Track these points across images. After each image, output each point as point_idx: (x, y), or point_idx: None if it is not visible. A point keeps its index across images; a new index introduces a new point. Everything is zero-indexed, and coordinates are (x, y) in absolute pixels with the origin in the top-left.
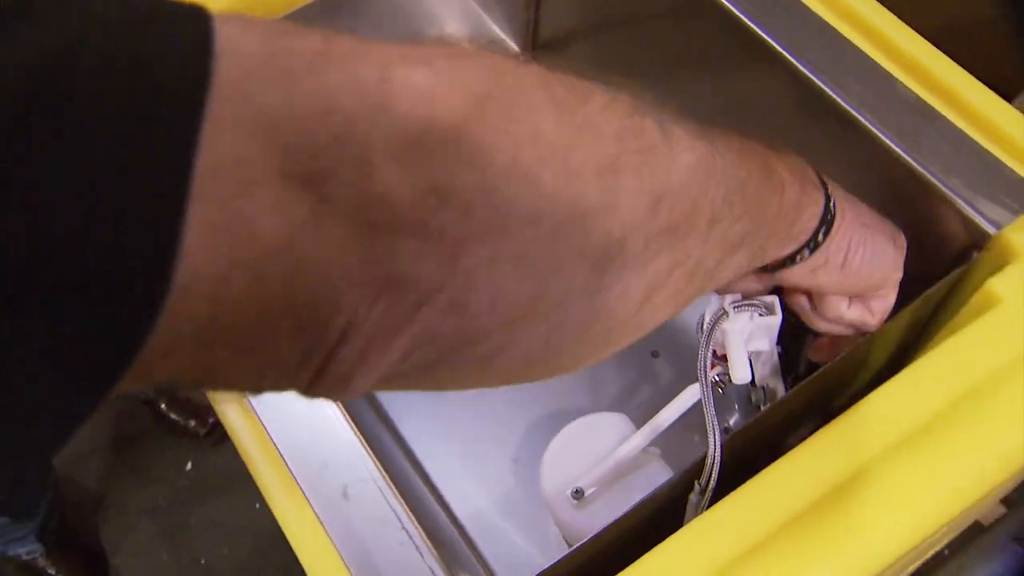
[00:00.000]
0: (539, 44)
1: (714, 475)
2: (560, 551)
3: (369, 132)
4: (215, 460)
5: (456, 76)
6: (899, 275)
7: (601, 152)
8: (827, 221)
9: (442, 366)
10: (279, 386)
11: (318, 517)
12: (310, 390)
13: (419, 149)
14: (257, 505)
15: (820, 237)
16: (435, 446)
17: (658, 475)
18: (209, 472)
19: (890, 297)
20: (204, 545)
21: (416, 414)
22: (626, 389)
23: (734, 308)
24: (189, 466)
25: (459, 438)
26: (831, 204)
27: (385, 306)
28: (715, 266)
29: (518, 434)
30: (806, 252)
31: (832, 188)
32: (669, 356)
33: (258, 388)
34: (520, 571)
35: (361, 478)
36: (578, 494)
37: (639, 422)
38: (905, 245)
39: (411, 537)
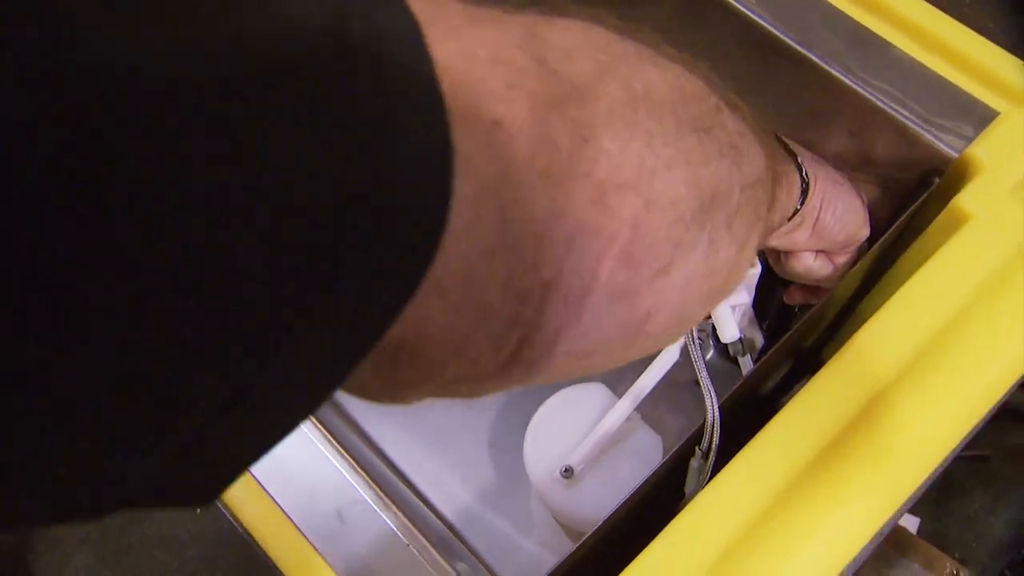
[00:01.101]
0: None
1: (715, 439)
2: (549, 532)
3: None
4: None
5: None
6: (866, 231)
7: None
8: (803, 190)
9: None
10: (479, 361)
11: (316, 548)
12: (505, 369)
13: None
14: (198, 511)
15: (799, 204)
16: (407, 444)
17: (645, 441)
18: None
19: (854, 255)
20: (151, 562)
21: (380, 414)
22: None
23: None
24: None
25: (430, 431)
26: (804, 172)
27: (576, 257)
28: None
29: (489, 418)
30: (786, 220)
31: (799, 152)
32: None
33: (458, 362)
34: (513, 559)
35: (354, 499)
36: (567, 473)
37: (612, 386)
38: (867, 200)
39: (415, 547)
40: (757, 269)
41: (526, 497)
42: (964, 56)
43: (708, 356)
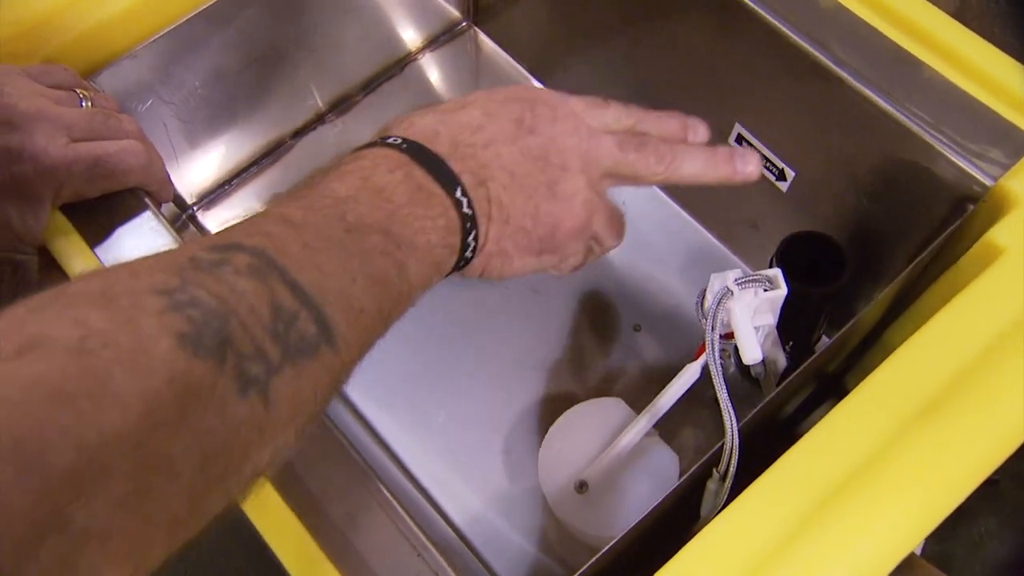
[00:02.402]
0: (480, 10)
1: (733, 462)
2: (562, 544)
3: None
4: None
5: None
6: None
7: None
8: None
9: None
10: None
11: (324, 552)
12: None
13: None
14: None
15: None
16: (420, 447)
17: (663, 460)
18: None
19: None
20: None
21: (396, 421)
22: (612, 367)
23: (738, 285)
24: None
25: (445, 438)
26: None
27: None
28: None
29: (506, 425)
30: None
31: (470, 187)
32: (651, 328)
33: None
34: (523, 569)
35: (365, 504)
36: (582, 487)
37: (630, 401)
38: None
39: (422, 554)
40: (782, 291)
41: (539, 507)
42: (1002, 82)
43: (729, 372)
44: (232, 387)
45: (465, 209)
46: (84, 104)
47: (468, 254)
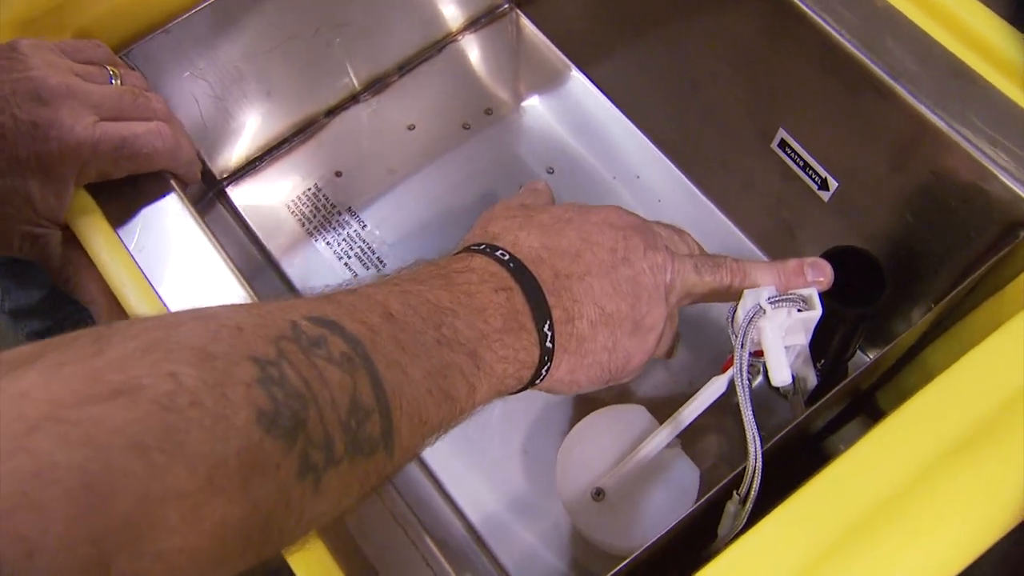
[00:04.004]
0: None
1: (755, 486)
2: (576, 548)
3: None
4: None
5: None
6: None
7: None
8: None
9: None
10: None
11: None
12: None
13: None
14: None
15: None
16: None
17: (683, 473)
18: None
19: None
20: None
21: None
22: None
23: (771, 304)
24: None
25: (464, 432)
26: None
27: None
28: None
29: (526, 424)
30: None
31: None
32: (681, 332)
33: None
34: (534, 570)
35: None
36: (599, 495)
37: (653, 409)
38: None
39: (422, 551)
40: (817, 312)
41: (556, 510)
42: None
43: (756, 383)
44: (294, 469)
45: (547, 343)
46: (114, 82)
47: (537, 382)
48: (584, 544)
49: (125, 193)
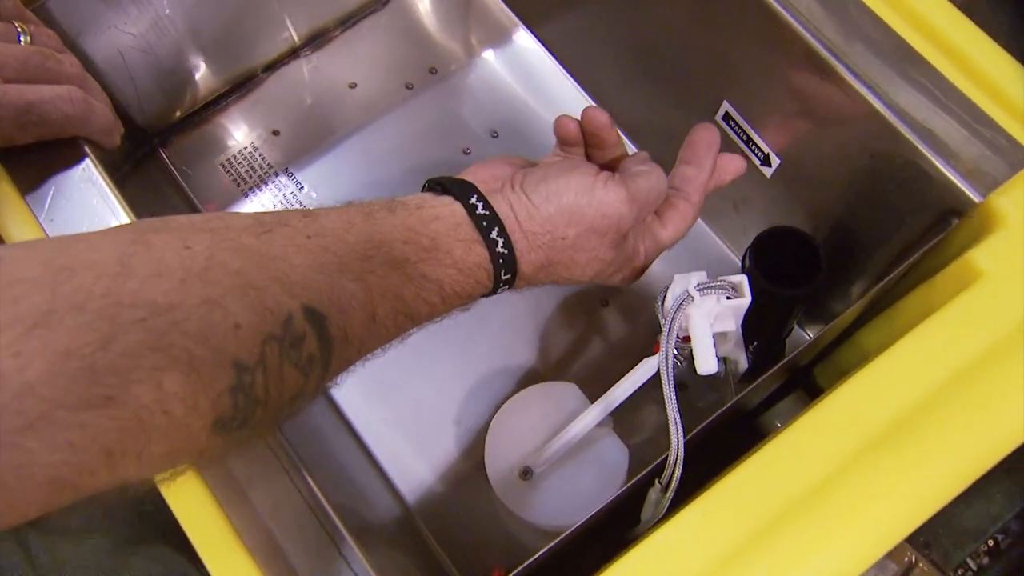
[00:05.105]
0: None
1: (676, 475)
2: (508, 522)
3: None
4: None
5: None
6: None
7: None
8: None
9: None
10: None
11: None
12: None
13: None
14: None
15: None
16: (371, 414)
17: (612, 454)
18: None
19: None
20: None
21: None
22: (575, 342)
23: (700, 291)
24: None
25: (396, 401)
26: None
27: None
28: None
29: (461, 394)
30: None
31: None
32: (619, 305)
33: None
34: (466, 550)
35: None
36: (526, 474)
37: (590, 377)
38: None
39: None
40: (746, 300)
41: (487, 484)
42: (1007, 90)
43: (685, 367)
44: (218, 443)
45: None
46: (22, 39)
47: (505, 275)
48: (515, 519)
49: (36, 159)
